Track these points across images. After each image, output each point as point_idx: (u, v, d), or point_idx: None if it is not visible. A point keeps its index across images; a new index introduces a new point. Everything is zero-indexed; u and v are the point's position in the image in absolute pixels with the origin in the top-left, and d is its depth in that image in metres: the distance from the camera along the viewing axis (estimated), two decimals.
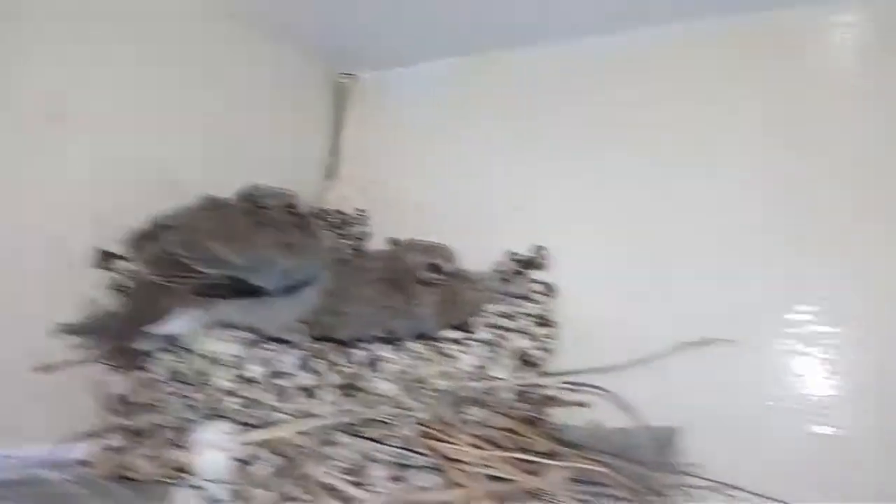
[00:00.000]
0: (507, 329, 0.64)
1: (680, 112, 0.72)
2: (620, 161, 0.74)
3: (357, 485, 0.53)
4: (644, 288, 0.70)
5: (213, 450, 0.50)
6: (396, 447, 0.54)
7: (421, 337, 0.62)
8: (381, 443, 0.54)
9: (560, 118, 0.77)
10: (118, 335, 0.55)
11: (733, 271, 0.68)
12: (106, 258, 0.59)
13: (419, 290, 0.68)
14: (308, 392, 0.54)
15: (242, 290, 0.58)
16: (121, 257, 0.58)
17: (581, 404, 0.67)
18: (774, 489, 0.55)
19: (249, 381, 0.54)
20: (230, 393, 0.55)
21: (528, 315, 0.66)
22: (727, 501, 0.54)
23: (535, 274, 0.75)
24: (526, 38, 0.78)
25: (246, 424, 0.53)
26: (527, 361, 0.63)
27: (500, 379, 0.60)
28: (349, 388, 0.55)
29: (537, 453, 0.54)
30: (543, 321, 0.66)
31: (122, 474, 0.52)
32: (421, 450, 0.54)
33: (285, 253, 0.62)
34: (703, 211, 0.70)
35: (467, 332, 0.62)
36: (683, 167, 0.72)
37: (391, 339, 0.60)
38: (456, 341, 0.59)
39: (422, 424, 0.56)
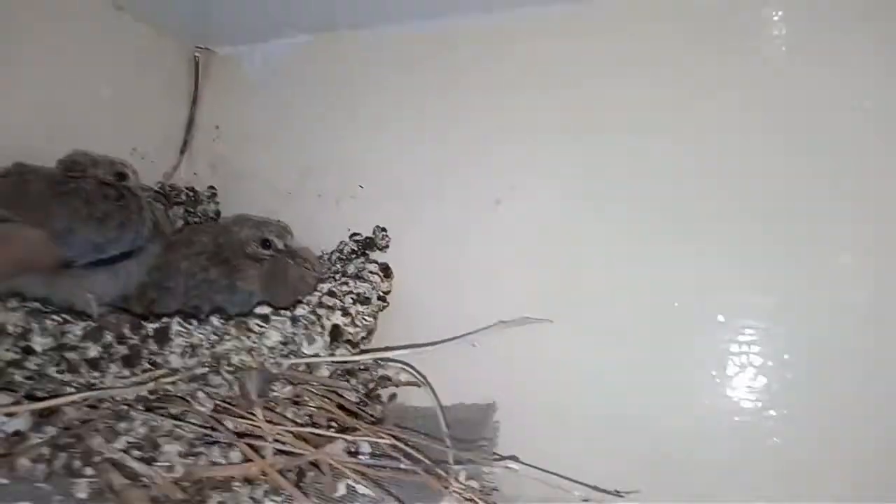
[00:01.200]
0: (328, 307, 0.63)
1: (523, 95, 0.74)
2: (457, 144, 0.75)
3: (147, 461, 0.52)
4: (472, 270, 0.71)
5: None
6: (191, 423, 0.53)
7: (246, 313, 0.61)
8: (177, 418, 0.53)
9: (403, 99, 0.78)
10: None
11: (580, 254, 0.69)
12: None
13: (245, 265, 0.68)
14: (92, 364, 0.53)
15: None
16: None
17: (417, 385, 0.68)
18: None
19: (30, 352, 0.52)
20: (13, 364, 0.53)
21: (354, 294, 0.66)
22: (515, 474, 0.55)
23: (375, 255, 0.76)
24: (372, 18, 0.78)
25: (29, 397, 0.51)
26: (344, 339, 0.63)
27: (310, 356, 0.60)
28: (137, 361, 0.53)
29: (331, 428, 0.55)
30: (362, 299, 0.66)
31: None
32: (214, 426, 0.53)
33: (92, 224, 0.60)
34: (542, 196, 0.71)
35: (287, 309, 0.62)
36: (521, 151, 0.73)
37: (215, 314, 0.59)
38: (263, 318, 0.58)
39: (224, 400, 0.55)
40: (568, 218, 0.69)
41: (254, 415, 0.54)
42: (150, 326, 0.54)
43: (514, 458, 0.55)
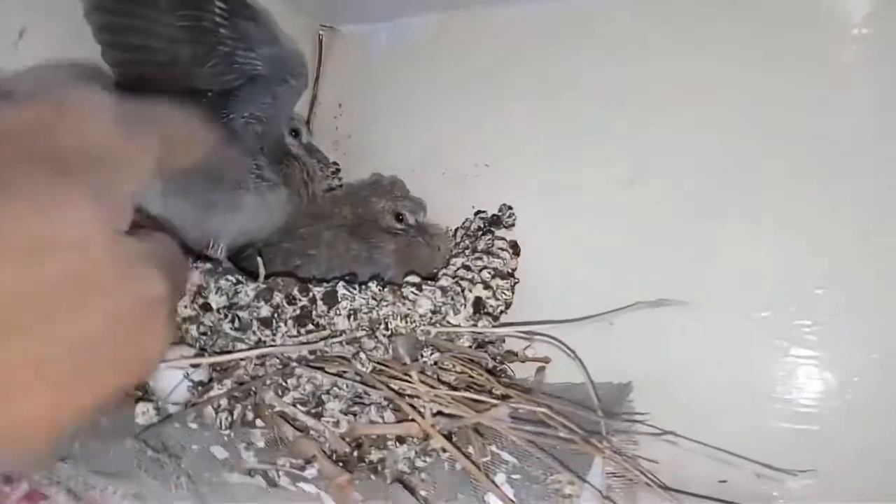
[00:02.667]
0: (468, 280, 0.65)
1: (657, 73, 0.73)
2: (591, 124, 0.75)
3: (314, 415, 0.54)
4: (608, 250, 0.71)
5: (170, 371, 0.51)
6: (353, 381, 0.55)
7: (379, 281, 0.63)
8: (339, 376, 0.55)
9: (535, 79, 0.78)
10: None
11: (699, 239, 0.69)
12: None
13: (382, 239, 0.70)
14: (266, 323, 0.55)
15: None
16: None
17: (544, 360, 0.69)
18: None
19: (208, 308, 0.55)
20: (189, 320, 0.56)
21: (490, 269, 0.68)
22: (670, 446, 0.56)
23: (501, 232, 0.77)
24: None
25: (204, 350, 0.55)
26: (485, 312, 0.64)
27: (455, 325, 0.61)
28: (306, 322, 0.56)
29: (486, 393, 0.56)
30: (503, 275, 0.67)
31: None
32: (376, 385, 0.55)
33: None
34: (677, 175, 0.70)
35: (428, 280, 0.64)
36: (655, 131, 0.72)
37: (345, 279, 0.62)
38: (416, 286, 0.60)
39: (378, 363, 0.58)
40: (703, 198, 0.69)
41: (410, 377, 0.56)
42: (318, 290, 0.56)
43: (672, 433, 0.55)
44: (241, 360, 0.54)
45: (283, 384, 0.54)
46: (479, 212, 0.78)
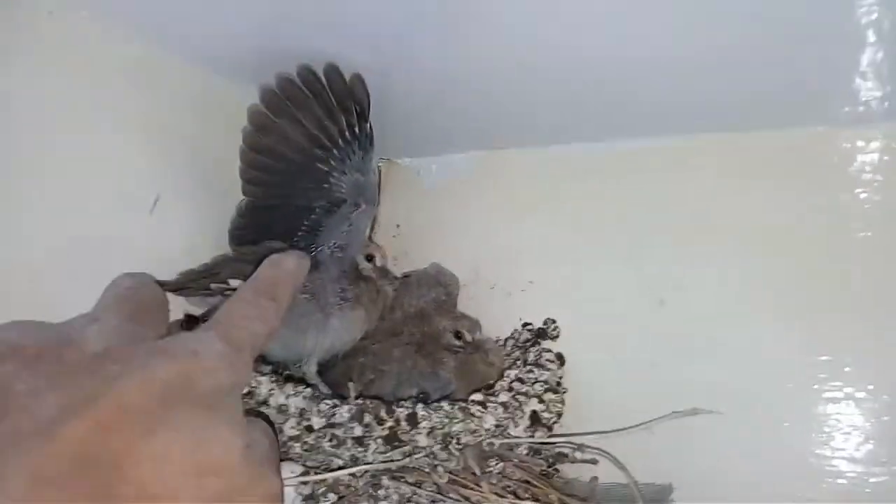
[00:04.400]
0: (523, 394, 0.75)
1: (680, 210, 0.85)
2: (623, 248, 0.86)
3: None
4: (643, 362, 0.81)
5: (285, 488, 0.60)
6: (431, 491, 0.64)
7: (445, 398, 0.73)
8: (419, 487, 0.65)
9: (570, 208, 0.90)
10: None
11: (726, 351, 0.79)
12: None
13: (444, 355, 0.80)
14: (358, 441, 0.65)
15: None
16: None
17: (591, 462, 0.78)
18: None
19: (310, 429, 0.65)
20: (294, 439, 0.66)
21: (540, 381, 0.77)
22: None
23: (546, 343, 0.87)
24: (535, 139, 0.92)
25: (308, 467, 0.64)
26: (539, 422, 0.74)
27: (515, 437, 0.71)
28: (392, 439, 0.66)
29: (548, 501, 0.65)
30: (553, 388, 0.77)
31: None
32: (452, 495, 0.64)
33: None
34: (702, 296, 0.81)
35: (489, 395, 0.74)
36: (681, 257, 0.83)
37: (422, 399, 0.72)
38: (481, 403, 0.70)
39: (451, 473, 0.67)
40: (727, 318, 0.79)
41: (480, 486, 0.65)
42: (401, 410, 0.66)
43: None
44: (346, 475, 0.63)
45: (374, 495, 0.64)
46: (526, 324, 0.89)
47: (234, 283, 0.65)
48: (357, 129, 0.69)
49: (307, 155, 0.69)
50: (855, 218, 0.76)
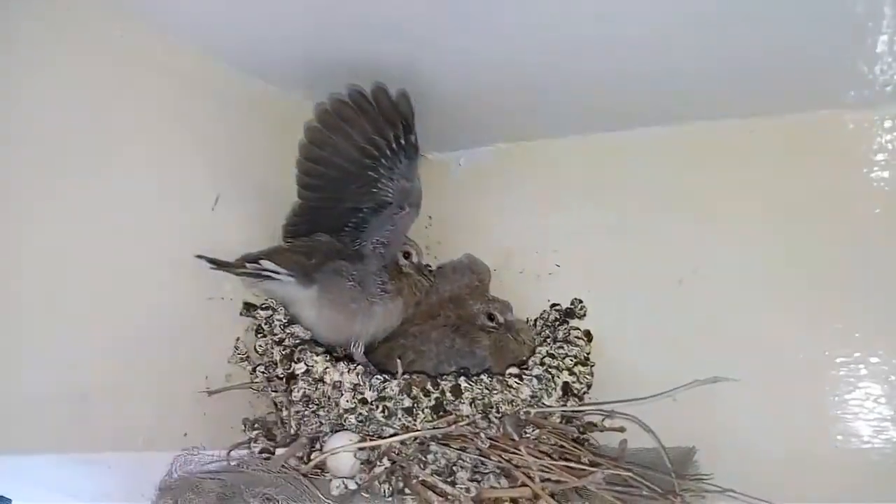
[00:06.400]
0: (555, 367, 0.81)
1: (695, 191, 0.91)
2: (643, 231, 0.92)
3: (450, 483, 0.70)
4: (665, 337, 0.87)
5: (344, 454, 0.68)
6: (475, 455, 0.71)
7: (483, 373, 0.80)
8: (464, 451, 0.71)
9: (592, 194, 0.96)
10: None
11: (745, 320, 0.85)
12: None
13: (479, 335, 0.87)
14: (408, 411, 0.72)
15: None
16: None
17: (619, 429, 0.84)
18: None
19: (364, 402, 0.72)
20: (350, 411, 0.73)
21: (570, 356, 0.84)
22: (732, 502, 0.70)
23: (574, 322, 0.93)
24: (558, 130, 0.98)
25: (363, 435, 0.71)
26: (571, 392, 0.80)
27: (549, 406, 0.77)
28: (438, 409, 0.72)
29: (581, 462, 0.71)
30: (582, 361, 0.83)
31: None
32: (493, 458, 0.71)
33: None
34: (719, 275, 0.87)
35: (524, 370, 0.80)
36: (697, 239, 0.89)
37: (462, 374, 0.78)
38: (517, 376, 0.77)
39: (492, 439, 0.73)
40: (743, 293, 0.85)
41: (519, 450, 0.72)
42: (445, 383, 0.73)
43: (732, 490, 0.69)
44: (397, 442, 0.70)
45: (423, 459, 0.71)
46: (554, 304, 0.95)
47: (265, 263, 0.73)
48: (403, 141, 0.76)
49: (357, 164, 0.77)
50: (865, 196, 0.81)
